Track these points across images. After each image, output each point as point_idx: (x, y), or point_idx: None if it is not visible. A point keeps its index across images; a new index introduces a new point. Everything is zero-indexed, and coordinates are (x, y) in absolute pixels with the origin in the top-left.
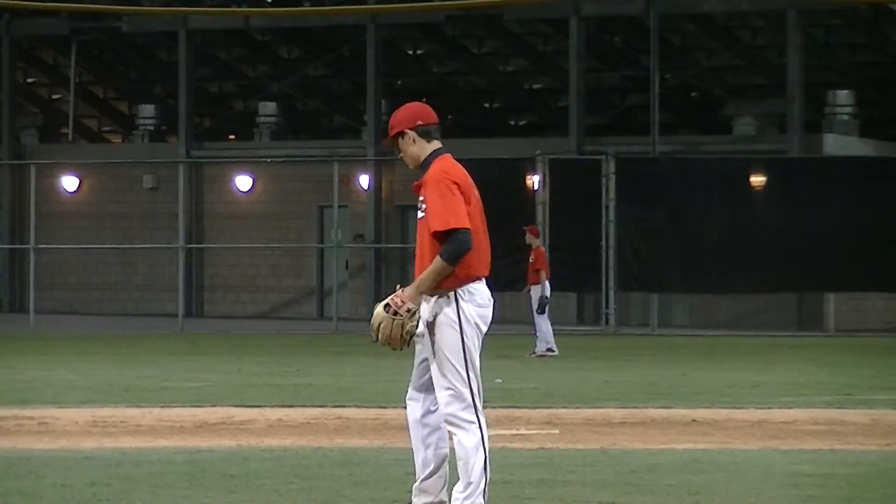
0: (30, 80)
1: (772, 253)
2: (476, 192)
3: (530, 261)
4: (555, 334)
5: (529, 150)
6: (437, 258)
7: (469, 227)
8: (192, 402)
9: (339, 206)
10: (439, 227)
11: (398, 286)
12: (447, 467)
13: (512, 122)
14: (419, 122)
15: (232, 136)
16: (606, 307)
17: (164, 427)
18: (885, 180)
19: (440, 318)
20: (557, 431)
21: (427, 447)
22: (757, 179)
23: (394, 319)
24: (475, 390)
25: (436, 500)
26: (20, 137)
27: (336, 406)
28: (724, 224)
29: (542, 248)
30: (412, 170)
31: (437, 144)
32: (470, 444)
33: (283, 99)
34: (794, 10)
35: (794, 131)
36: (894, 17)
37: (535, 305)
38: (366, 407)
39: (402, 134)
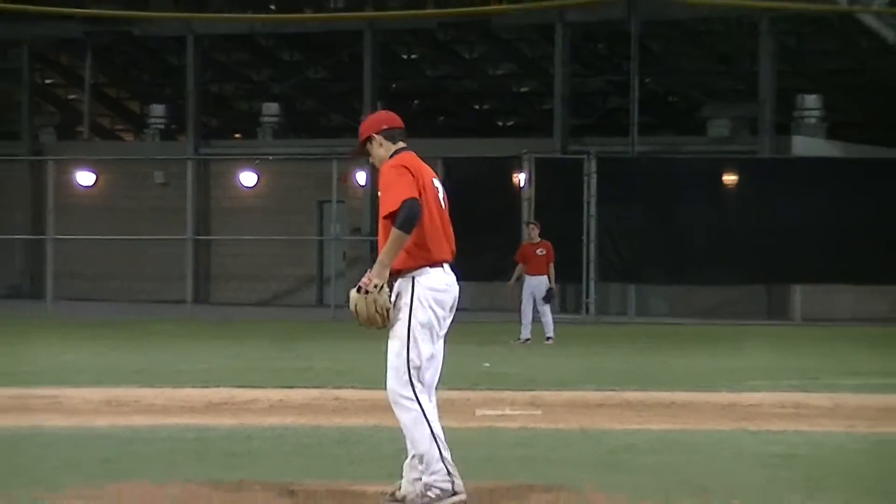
0: (47, 81)
1: (743, 247)
2: (434, 182)
3: (539, 253)
4: (534, 322)
5: (516, 149)
6: (393, 230)
7: (416, 196)
8: (199, 383)
9: (338, 202)
10: (388, 210)
11: (368, 270)
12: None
13: (500, 123)
14: (384, 127)
15: (237, 135)
16: (587, 297)
17: (173, 406)
18: (849, 180)
19: (397, 299)
20: (540, 412)
21: None
22: (730, 178)
23: (366, 298)
24: (413, 370)
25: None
26: (38, 135)
27: (334, 388)
28: (698, 220)
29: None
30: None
31: (401, 145)
32: (408, 419)
33: (285, 100)
34: (767, 18)
35: (765, 133)
36: (861, 27)
37: (543, 297)
38: (362, 388)
39: (370, 139)
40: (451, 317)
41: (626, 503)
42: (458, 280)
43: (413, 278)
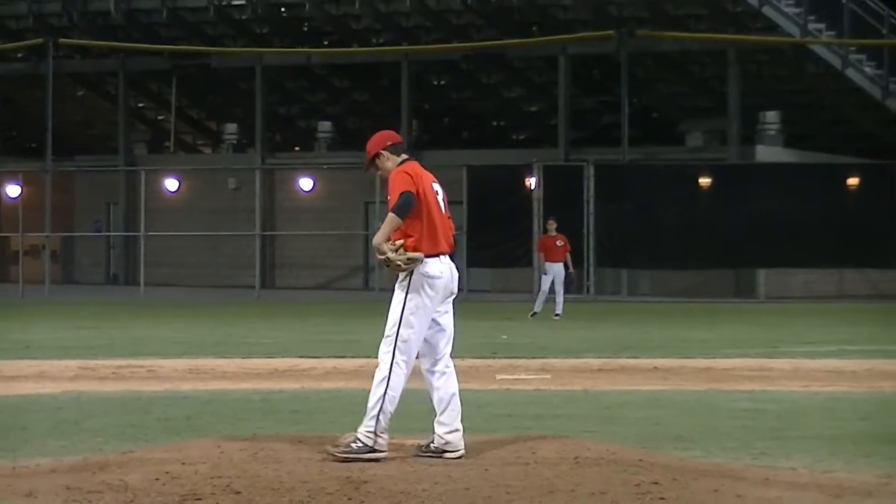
0: (140, 105)
1: (715, 237)
2: (434, 186)
3: (558, 244)
4: (545, 301)
5: (527, 158)
6: (390, 213)
7: (412, 190)
8: (265, 354)
9: (380, 202)
10: (393, 202)
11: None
12: (458, 402)
13: (513, 137)
14: (388, 143)
15: (297, 148)
16: (587, 279)
17: (244, 373)
18: (803, 180)
19: (398, 282)
20: (549, 376)
21: (437, 389)
22: (704, 181)
23: (388, 264)
24: (401, 342)
25: (451, 429)
26: (133, 149)
27: (374, 357)
28: (678, 215)
29: None
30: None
31: (404, 157)
32: (377, 377)
33: (337, 119)
34: (733, 49)
35: (732, 143)
36: (811, 55)
37: (562, 279)
38: None
39: (377, 156)
40: (451, 296)
41: (619, 450)
42: (480, 266)
43: (411, 271)
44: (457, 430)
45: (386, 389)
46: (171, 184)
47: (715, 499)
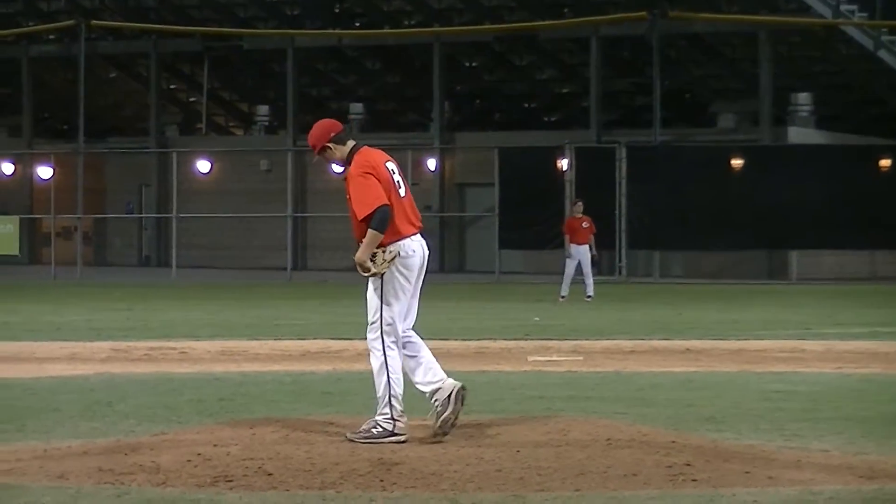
0: (172, 86)
1: (747, 219)
2: (388, 166)
3: (584, 226)
4: (573, 284)
5: (559, 140)
6: (370, 230)
7: (386, 203)
8: (297, 336)
9: (412, 184)
10: (364, 212)
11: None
12: (429, 356)
13: (546, 119)
14: (332, 134)
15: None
16: (619, 261)
17: (276, 355)
18: (834, 162)
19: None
20: (581, 358)
21: (406, 358)
22: (736, 162)
23: (370, 270)
24: (386, 326)
25: (436, 379)
26: (165, 131)
27: None
28: (710, 197)
29: None
30: (340, 167)
31: (351, 143)
32: (375, 365)
33: (368, 101)
34: (765, 31)
35: (764, 125)
36: (843, 36)
37: (588, 260)
38: (432, 339)
39: (324, 148)
40: (424, 273)
41: (651, 431)
42: (512, 248)
43: (386, 250)
44: (440, 381)
45: (388, 374)
46: (202, 165)
47: (747, 480)
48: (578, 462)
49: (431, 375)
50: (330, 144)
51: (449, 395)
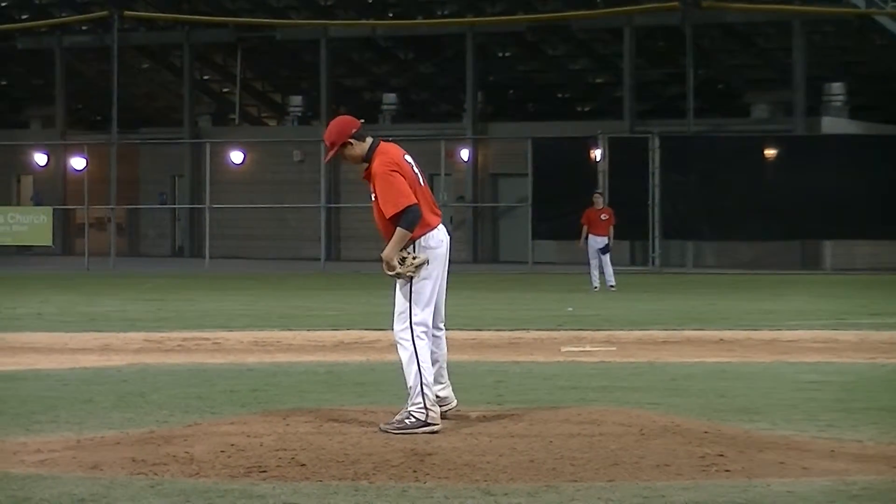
0: (205, 77)
1: (781, 209)
2: (412, 163)
3: (603, 218)
4: (613, 273)
5: (592, 130)
6: (399, 229)
7: (415, 201)
8: (331, 327)
9: (445, 175)
10: (393, 211)
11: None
12: (443, 364)
13: (579, 109)
14: (353, 130)
15: (361, 120)
16: (653, 252)
17: (309, 346)
18: (868, 152)
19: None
20: (615, 348)
21: (432, 352)
22: (769, 152)
23: (399, 273)
24: (414, 317)
25: (444, 384)
26: (198, 122)
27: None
28: (744, 187)
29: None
30: (357, 164)
31: (370, 140)
32: (405, 357)
33: (401, 91)
34: (798, 20)
35: (798, 115)
36: (876, 25)
37: (601, 249)
38: (466, 329)
39: (344, 145)
40: (448, 262)
41: (684, 422)
42: (545, 238)
43: (415, 244)
44: (448, 384)
45: (419, 364)
46: (236, 156)
47: (780, 471)
48: (611, 452)
49: (437, 386)
50: (351, 140)
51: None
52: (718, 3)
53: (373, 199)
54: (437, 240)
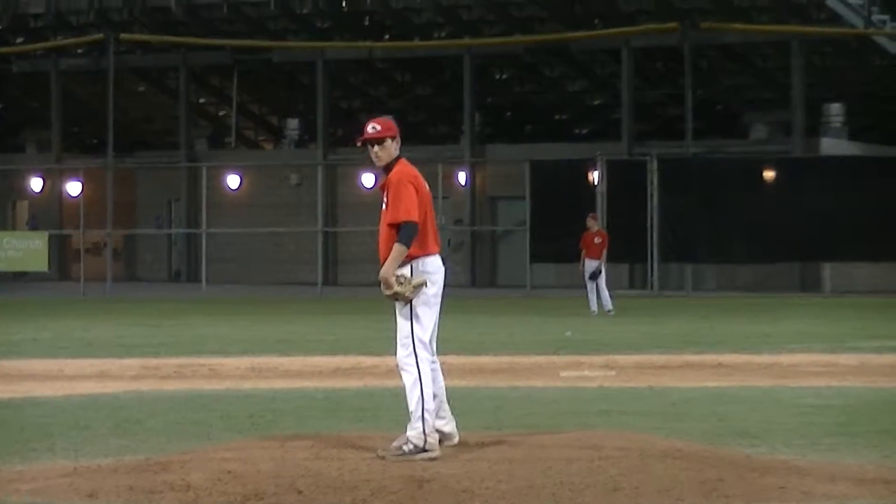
0: (201, 100)
1: (780, 231)
2: (426, 187)
3: (597, 241)
4: (609, 297)
5: (590, 152)
6: (396, 245)
7: (416, 220)
8: (328, 352)
9: (443, 198)
10: (392, 221)
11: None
12: (443, 396)
13: (577, 131)
14: (398, 133)
15: (359, 144)
16: (651, 275)
17: (306, 371)
18: (868, 174)
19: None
20: (614, 373)
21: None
22: (768, 174)
23: (396, 293)
24: (417, 342)
25: (448, 419)
26: (194, 145)
27: (441, 354)
28: (743, 209)
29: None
30: (378, 168)
31: (398, 151)
32: (408, 381)
33: (399, 113)
34: (797, 41)
35: (797, 136)
36: (874, 46)
37: (588, 274)
38: (464, 354)
39: (391, 138)
40: (443, 293)
41: (685, 446)
42: (543, 262)
43: (412, 267)
44: (452, 420)
45: (421, 389)
46: (232, 180)
47: (781, 495)
48: (611, 478)
49: (440, 422)
50: (396, 138)
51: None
52: (716, 25)
53: (383, 207)
54: (436, 266)
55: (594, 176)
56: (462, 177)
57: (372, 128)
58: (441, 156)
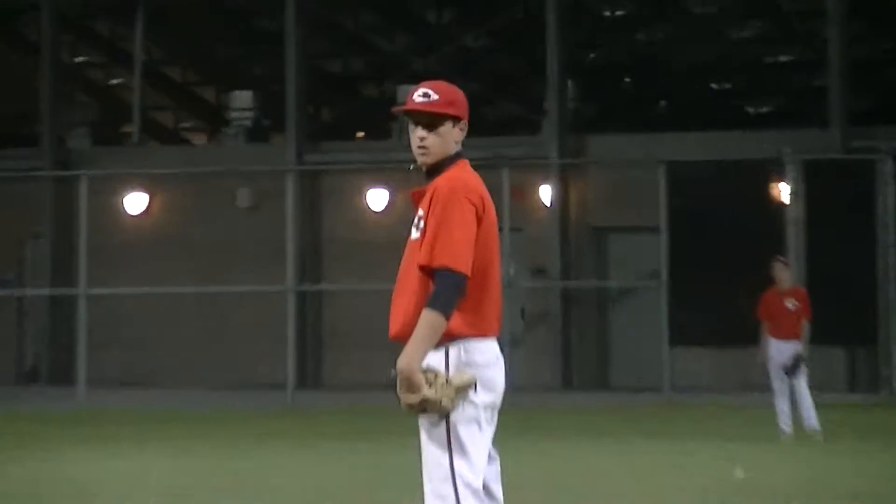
0: (78, 59)
1: None
2: (494, 213)
3: (790, 307)
4: (813, 408)
5: (772, 146)
6: (427, 311)
7: (466, 270)
8: None
9: (511, 230)
10: (427, 262)
11: (392, 370)
12: None
13: (749, 109)
14: (466, 115)
15: (360, 134)
16: (887, 367)
17: None
18: None
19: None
20: None
21: None
22: None
23: (426, 401)
24: (460, 487)
25: None
26: (67, 139)
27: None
28: None
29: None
30: (420, 165)
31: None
32: None
33: (431, 79)
34: None
35: None
36: None
37: (776, 365)
38: None
39: (454, 119)
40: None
41: None
42: (691, 344)
43: (450, 352)
44: None
45: None
46: (134, 200)
47: None
48: None
49: None
50: (461, 122)
51: None
52: None
53: (414, 233)
54: (493, 355)
55: (781, 189)
56: (545, 192)
57: (423, 94)
58: (507, 155)
